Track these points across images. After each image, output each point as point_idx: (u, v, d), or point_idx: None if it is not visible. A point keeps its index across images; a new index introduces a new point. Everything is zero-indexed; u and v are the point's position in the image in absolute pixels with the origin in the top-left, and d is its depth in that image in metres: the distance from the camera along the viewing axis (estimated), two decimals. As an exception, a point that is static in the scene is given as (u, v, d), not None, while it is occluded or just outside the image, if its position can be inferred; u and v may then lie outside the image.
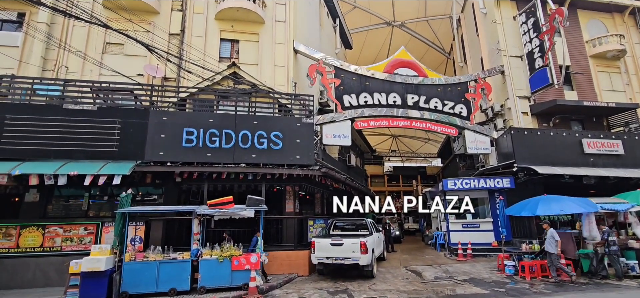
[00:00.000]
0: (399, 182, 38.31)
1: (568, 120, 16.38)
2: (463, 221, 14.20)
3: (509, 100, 16.17)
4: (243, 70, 13.44)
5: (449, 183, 14.21)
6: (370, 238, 10.20)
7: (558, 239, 9.45)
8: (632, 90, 17.42)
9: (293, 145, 11.30)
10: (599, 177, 13.20)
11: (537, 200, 10.47)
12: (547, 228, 9.80)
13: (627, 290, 8.30)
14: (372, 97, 14.96)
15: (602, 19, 18.73)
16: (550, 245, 9.48)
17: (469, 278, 9.79)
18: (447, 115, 15.26)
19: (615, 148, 14.08)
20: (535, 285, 8.99)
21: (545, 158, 13.38)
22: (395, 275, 10.43)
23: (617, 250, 9.67)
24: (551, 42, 15.01)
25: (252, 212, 8.74)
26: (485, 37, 18.88)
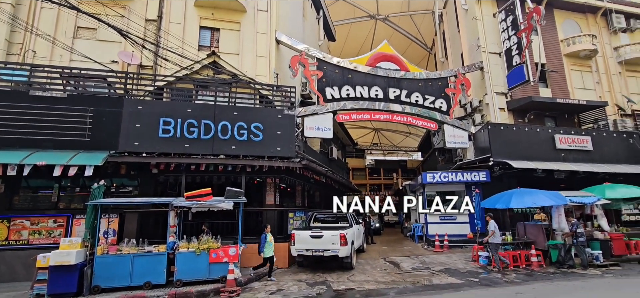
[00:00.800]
0: (380, 175, 38.82)
1: (542, 117, 16.96)
2: (440, 213, 14.53)
3: (487, 96, 16.57)
4: (223, 59, 13.13)
5: (428, 176, 14.48)
6: (349, 231, 10.28)
7: (493, 229, 10.10)
8: (601, 88, 18.19)
9: (274, 137, 11.18)
10: (569, 172, 13.77)
11: (511, 193, 10.83)
12: (490, 220, 10.36)
13: (591, 278, 8.74)
14: (354, 90, 14.98)
15: (576, 19, 19.38)
16: (493, 235, 10.10)
17: (445, 269, 10.05)
18: (427, 110, 15.48)
19: (585, 144, 14.70)
20: (507, 274, 9.32)
21: (519, 153, 13.82)
22: (374, 266, 10.58)
23: (584, 241, 10.16)
24: (528, 40, 15.42)
25: (231, 204, 8.62)
26: (466, 33, 19.19)
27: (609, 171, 13.79)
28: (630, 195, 11.65)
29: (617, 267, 10.02)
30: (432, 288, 8.01)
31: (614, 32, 19.46)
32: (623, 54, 18.84)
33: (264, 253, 9.29)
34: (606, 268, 9.93)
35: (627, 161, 14.95)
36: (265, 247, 9.26)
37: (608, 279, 8.61)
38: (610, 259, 10.66)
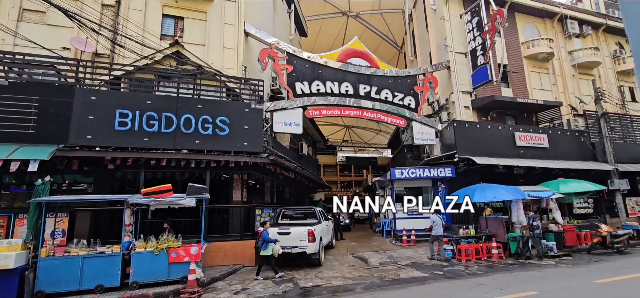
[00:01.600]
0: (351, 172, 39.16)
1: (504, 115, 17.71)
2: (408, 208, 14.79)
3: (454, 94, 17.05)
4: (188, 50, 12.53)
5: (396, 172, 14.68)
6: (318, 227, 10.16)
7: (432, 223, 10.89)
8: (557, 89, 19.29)
9: (241, 131, 10.81)
10: (528, 168, 14.46)
11: (474, 188, 11.18)
12: (434, 214, 11.00)
13: (546, 268, 9.19)
14: (324, 85, 14.86)
15: (535, 23, 20.41)
16: (439, 228, 10.83)
17: (411, 263, 10.20)
18: (396, 107, 15.68)
19: (542, 141, 15.51)
20: (470, 267, 9.60)
21: (483, 149, 14.32)
22: (342, 262, 10.54)
23: (540, 233, 10.69)
24: (492, 41, 15.99)
25: (193, 201, 8.20)
26: (434, 32, 19.64)
27: (563, 167, 14.65)
28: (581, 189, 12.41)
29: (569, 257, 10.64)
30: (399, 283, 8.06)
31: (569, 37, 20.69)
32: (576, 58, 20.08)
33: (267, 251, 8.66)
34: (559, 258, 10.52)
35: (578, 158, 15.96)
36: (268, 245, 8.69)
37: (561, 268, 9.09)
38: (563, 250, 11.33)
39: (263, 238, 8.72)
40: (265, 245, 8.69)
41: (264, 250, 8.68)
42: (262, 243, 8.70)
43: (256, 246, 8.79)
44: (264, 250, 8.68)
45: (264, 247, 8.69)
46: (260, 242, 8.76)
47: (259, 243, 8.81)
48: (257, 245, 8.76)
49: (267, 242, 8.69)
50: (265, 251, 8.68)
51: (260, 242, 8.74)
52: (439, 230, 10.75)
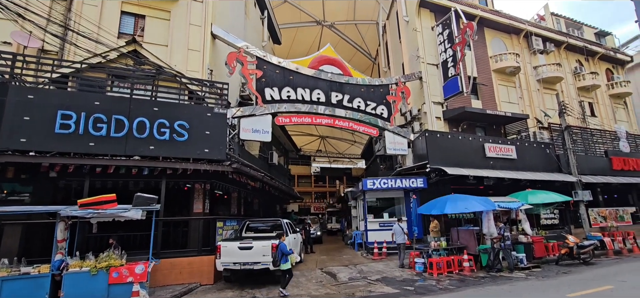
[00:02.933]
0: (326, 183, 38.69)
1: (474, 126, 17.90)
2: (380, 220, 14.40)
3: (425, 105, 17.03)
4: (147, 49, 11.65)
5: (368, 183, 14.28)
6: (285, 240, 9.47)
7: (394, 232, 11.35)
8: (523, 103, 19.83)
9: (201, 137, 10.02)
10: (497, 179, 14.52)
11: (445, 199, 10.92)
12: (396, 223, 11.34)
13: (517, 281, 8.97)
14: (295, 92, 14.34)
15: (503, 38, 21.03)
16: (399, 236, 11.14)
17: (382, 278, 9.71)
18: (369, 116, 15.39)
19: (510, 153, 15.70)
20: (442, 281, 9.23)
21: (454, 160, 14.24)
22: (310, 278, 9.89)
23: (510, 245, 10.55)
24: (462, 54, 16.15)
25: (139, 213, 7.32)
26: (407, 44, 19.73)
27: (530, 178, 14.84)
28: (548, 200, 12.50)
29: (539, 269, 10.54)
30: (367, 300, 7.52)
31: (534, 52, 21.48)
32: (541, 73, 20.82)
33: (286, 264, 8.02)
34: (529, 270, 10.38)
35: (545, 169, 16.28)
36: (288, 258, 8.04)
37: (531, 281, 8.90)
38: (532, 261, 11.25)
39: (281, 251, 8.02)
40: (284, 259, 8.00)
41: (284, 263, 8.00)
42: (281, 257, 7.99)
43: (274, 260, 8.13)
44: (284, 263, 8.00)
45: (284, 260, 8.00)
46: (278, 256, 8.05)
47: (276, 256, 8.11)
48: (275, 259, 8.10)
49: (285, 255, 8.01)
50: (284, 264, 8.01)
51: (279, 256, 8.03)
52: (399, 239, 11.13)
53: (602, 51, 24.66)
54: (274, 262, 8.06)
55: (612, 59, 25.52)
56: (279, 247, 8.08)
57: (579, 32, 25.68)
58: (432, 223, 12.26)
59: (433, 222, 12.30)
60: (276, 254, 8.08)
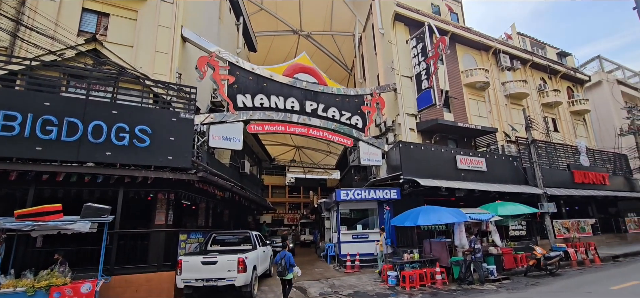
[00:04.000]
0: (300, 194, 38.20)
1: (446, 139, 18.19)
2: (353, 232, 14.16)
3: (400, 116, 17.14)
4: (109, 49, 10.92)
5: (341, 193, 14.03)
6: (251, 254, 8.99)
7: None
8: (492, 117, 20.46)
9: (165, 143, 9.40)
10: (468, 190, 14.71)
11: (418, 210, 10.84)
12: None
13: (488, 294, 8.93)
14: (269, 99, 13.97)
15: (473, 54, 21.73)
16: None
17: (354, 292, 9.39)
18: (344, 126, 15.25)
19: (480, 165, 16.01)
20: (414, 295, 9.04)
21: (426, 171, 14.30)
22: (278, 294, 9.38)
23: (481, 257, 10.58)
24: (435, 67, 16.45)
25: (87, 225, 6.62)
26: (382, 56, 19.92)
27: (499, 190, 15.14)
28: (517, 212, 12.77)
29: (508, 281, 10.61)
30: (337, 317, 7.16)
31: (502, 69, 22.33)
32: (508, 89, 21.63)
33: (289, 275, 8.05)
34: (500, 282, 10.44)
35: (513, 181, 16.72)
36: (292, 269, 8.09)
37: (502, 294, 8.89)
38: (502, 273, 11.34)
39: (288, 262, 8.00)
40: (290, 269, 8.05)
41: (290, 274, 8.06)
42: (289, 267, 7.99)
43: (278, 270, 8.09)
44: (290, 274, 8.06)
45: (290, 271, 8.05)
46: (287, 265, 7.99)
47: (279, 268, 8.04)
48: (279, 269, 8.06)
49: (292, 266, 8.07)
50: (289, 275, 8.06)
51: (287, 265, 7.99)
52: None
53: (564, 70, 26.09)
54: (282, 272, 8.01)
55: (573, 78, 27.05)
56: (285, 257, 8.04)
57: (543, 51, 27.08)
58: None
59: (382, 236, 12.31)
60: (284, 263, 8.02)
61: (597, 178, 20.23)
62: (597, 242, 17.17)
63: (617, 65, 34.85)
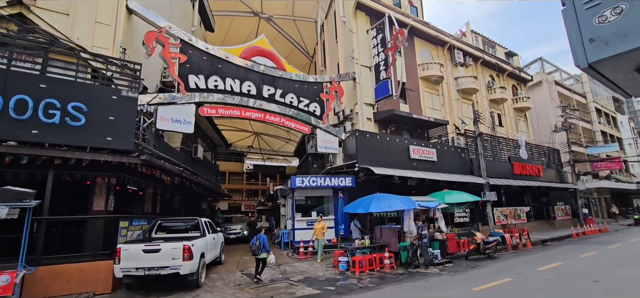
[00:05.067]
0: (258, 181, 37.66)
1: (401, 129, 18.79)
2: (308, 219, 14.21)
3: (358, 105, 17.36)
4: (39, 16, 9.76)
5: (297, 180, 13.97)
6: (199, 241, 8.65)
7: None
8: (445, 110, 21.46)
9: (104, 123, 8.64)
10: (420, 179, 15.36)
11: (370, 198, 11.10)
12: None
13: (431, 277, 9.42)
14: (224, 82, 13.41)
15: (430, 48, 22.51)
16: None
17: (304, 278, 9.45)
18: (302, 112, 15.10)
19: (431, 155, 16.77)
20: (363, 279, 9.29)
21: (381, 160, 14.68)
22: (228, 282, 9.19)
23: (427, 242, 11.11)
24: (394, 58, 16.78)
25: (4, 210, 5.92)
26: (343, 44, 19.94)
27: (448, 179, 16.00)
28: (462, 200, 13.55)
29: (451, 264, 11.29)
30: (285, 303, 7.15)
31: (455, 65, 23.40)
32: (460, 84, 22.76)
33: (262, 255, 9.05)
34: (443, 265, 11.06)
35: (460, 172, 17.75)
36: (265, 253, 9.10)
37: (444, 277, 9.42)
38: (446, 257, 12.04)
39: (262, 243, 9.06)
40: (263, 250, 9.04)
41: (262, 254, 9.04)
42: (262, 247, 9.01)
43: (253, 250, 9.10)
44: (262, 254, 9.04)
45: (264, 250, 9.05)
46: (261, 246, 9.02)
47: (253, 248, 9.05)
48: (253, 249, 9.09)
49: (266, 248, 9.08)
50: (260, 255, 9.05)
51: (261, 246, 9.02)
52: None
53: (510, 69, 27.98)
54: (256, 251, 9.00)
55: (518, 77, 29.12)
56: (260, 239, 9.08)
57: (493, 50, 28.77)
58: (318, 224, 12.53)
59: (319, 222, 12.53)
60: (259, 244, 9.03)
61: (533, 170, 22.12)
62: (530, 228, 18.85)
63: (556, 68, 38.12)
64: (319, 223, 12.44)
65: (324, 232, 12.30)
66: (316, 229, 12.40)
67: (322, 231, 12.26)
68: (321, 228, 12.25)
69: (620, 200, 37.81)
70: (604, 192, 34.01)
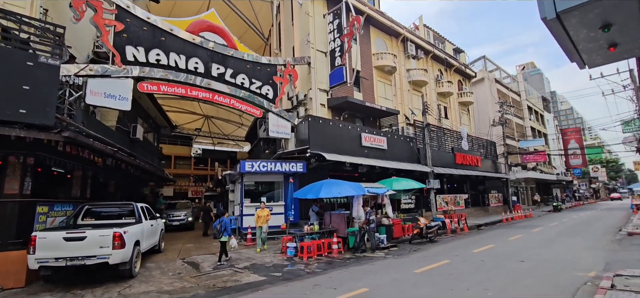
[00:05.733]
0: (207, 166, 36.11)
1: (354, 117, 18.99)
2: (257, 205, 13.82)
3: (312, 91, 17.14)
4: None
5: (246, 165, 13.48)
6: (133, 228, 7.93)
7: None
8: (397, 100, 22.10)
9: (15, 92, 7.42)
10: (370, 166, 15.69)
11: (320, 184, 11.04)
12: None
13: (377, 261, 9.66)
14: (167, 56, 12.34)
15: (385, 39, 22.90)
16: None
17: (251, 265, 9.16)
18: (253, 95, 14.49)
19: (382, 143, 17.20)
20: (310, 265, 9.24)
21: (333, 146, 14.70)
22: (166, 271, 8.59)
23: (375, 227, 11.38)
24: (349, 45, 16.73)
25: None
26: (299, 27, 19.47)
27: (397, 167, 16.56)
28: (409, 187, 14.11)
29: (396, 248, 11.72)
30: (228, 291, 6.82)
31: (408, 57, 24.13)
32: (412, 76, 23.56)
33: (224, 238, 9.39)
34: (388, 249, 11.44)
35: (408, 160, 18.47)
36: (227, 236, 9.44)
37: (389, 260, 9.72)
38: (391, 241, 12.47)
39: (224, 226, 9.41)
40: (225, 233, 9.41)
41: (224, 237, 9.40)
42: (224, 230, 9.38)
43: (214, 233, 9.72)
44: (224, 237, 9.40)
45: (225, 234, 9.40)
46: (222, 229, 9.40)
47: (215, 231, 9.59)
48: (214, 232, 9.61)
49: (227, 231, 9.45)
50: (222, 238, 9.42)
51: (223, 229, 9.38)
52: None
53: (457, 65, 29.59)
54: (217, 234, 9.41)
55: (463, 73, 30.92)
56: (222, 223, 9.44)
57: (443, 45, 30.15)
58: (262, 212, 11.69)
59: (263, 209, 11.73)
60: (220, 227, 9.43)
61: (473, 160, 23.80)
62: (468, 214, 20.30)
63: (497, 67, 41.18)
64: (263, 210, 11.60)
65: (268, 219, 11.64)
66: (260, 216, 11.51)
67: (266, 218, 11.58)
68: (265, 215, 11.58)
69: (543, 189, 42.46)
70: (530, 182, 37.88)
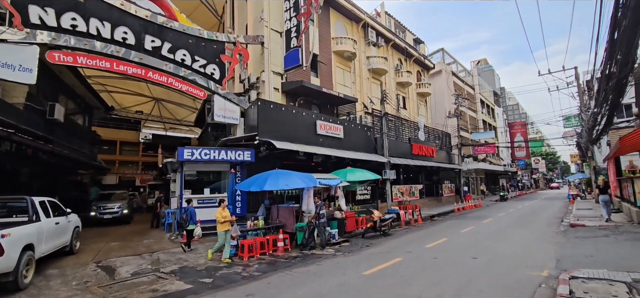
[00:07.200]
0: (157, 152, 33.38)
1: (310, 103, 18.00)
2: (200, 197, 12.49)
3: (265, 73, 15.86)
4: None
5: (185, 152, 11.97)
6: (21, 230, 6.36)
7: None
8: (356, 88, 21.44)
9: None
10: (326, 156, 14.86)
11: (266, 175, 9.99)
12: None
13: (325, 259, 8.84)
14: (87, 22, 10.44)
15: (345, 23, 22.00)
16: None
17: (179, 268, 7.95)
18: (196, 74, 12.94)
19: (338, 132, 16.43)
20: (250, 266, 8.23)
21: (285, 134, 13.64)
22: (70, 279, 7.11)
23: (325, 222, 10.57)
24: (306, 25, 15.58)
25: None
26: (253, 3, 17.92)
27: (353, 157, 15.91)
28: (364, 178, 13.50)
29: (348, 243, 11.03)
30: (139, 307, 5.61)
31: (369, 44, 23.49)
32: (372, 63, 23.00)
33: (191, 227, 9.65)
34: (339, 245, 10.71)
35: (365, 150, 17.93)
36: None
37: (338, 258, 8.95)
38: (343, 236, 11.79)
39: (190, 215, 9.82)
40: (192, 222, 9.78)
41: (190, 225, 9.72)
42: (190, 220, 9.76)
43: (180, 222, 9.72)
44: (190, 225, 9.72)
45: (192, 223, 9.75)
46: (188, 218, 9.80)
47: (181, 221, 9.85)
48: (181, 221, 9.69)
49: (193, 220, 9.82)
50: (189, 227, 9.74)
51: (188, 218, 9.77)
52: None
53: (417, 55, 29.60)
54: (181, 224, 9.73)
55: (422, 64, 31.08)
56: (188, 211, 9.88)
57: (403, 34, 29.97)
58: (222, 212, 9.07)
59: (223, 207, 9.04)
60: (186, 217, 9.82)
61: (428, 151, 23.97)
62: (422, 204, 20.38)
63: (454, 60, 42.20)
64: (224, 210, 8.91)
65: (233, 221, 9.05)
66: (221, 221, 8.76)
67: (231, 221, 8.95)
68: (227, 217, 8.83)
69: (491, 179, 44.79)
70: (480, 173, 39.64)
